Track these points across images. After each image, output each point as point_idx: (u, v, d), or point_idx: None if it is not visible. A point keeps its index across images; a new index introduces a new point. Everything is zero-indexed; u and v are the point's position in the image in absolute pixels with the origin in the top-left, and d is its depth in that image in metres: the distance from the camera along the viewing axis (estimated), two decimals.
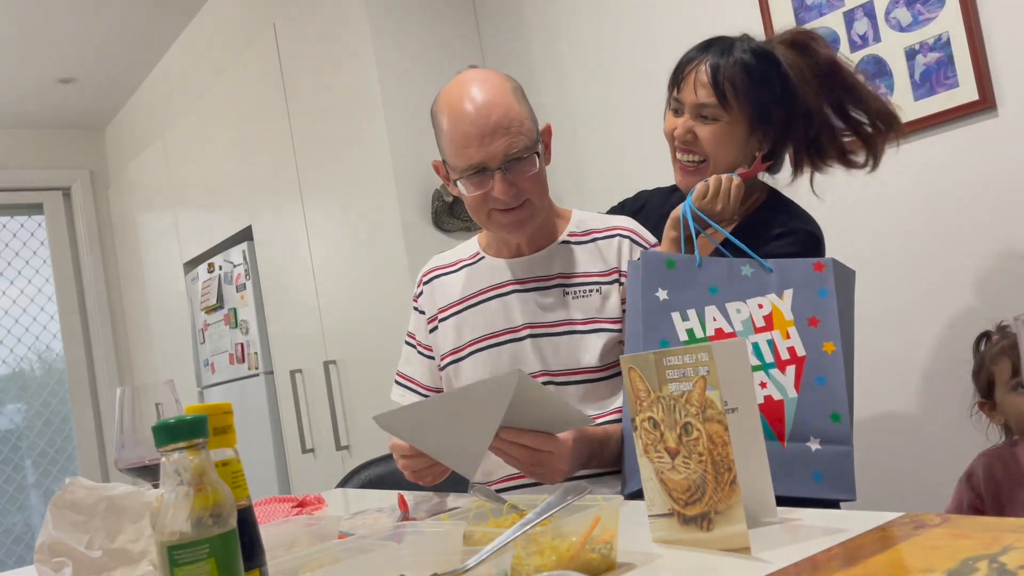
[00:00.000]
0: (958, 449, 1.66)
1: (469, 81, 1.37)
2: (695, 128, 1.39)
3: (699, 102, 1.38)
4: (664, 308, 1.20)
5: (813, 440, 1.09)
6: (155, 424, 0.69)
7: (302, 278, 3.08)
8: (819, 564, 0.74)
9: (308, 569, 0.79)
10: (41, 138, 4.76)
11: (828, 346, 1.12)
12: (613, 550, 0.85)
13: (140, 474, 1.02)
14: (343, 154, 2.80)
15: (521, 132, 1.34)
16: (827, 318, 1.13)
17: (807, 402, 1.11)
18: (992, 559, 0.67)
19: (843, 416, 1.09)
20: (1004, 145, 1.70)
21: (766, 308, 1.16)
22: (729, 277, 1.20)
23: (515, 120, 1.34)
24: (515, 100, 1.36)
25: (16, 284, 4.69)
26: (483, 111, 1.34)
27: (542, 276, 1.45)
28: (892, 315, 1.86)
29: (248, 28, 3.28)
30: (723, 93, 1.36)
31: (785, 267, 1.18)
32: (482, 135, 1.33)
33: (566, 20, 2.57)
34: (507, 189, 1.35)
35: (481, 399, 1.09)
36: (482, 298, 1.48)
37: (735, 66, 1.36)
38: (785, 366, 1.13)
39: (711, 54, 1.39)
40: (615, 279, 1.42)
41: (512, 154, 1.34)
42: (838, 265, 1.17)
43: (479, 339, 1.46)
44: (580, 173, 2.59)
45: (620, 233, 1.46)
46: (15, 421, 4.59)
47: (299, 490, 3.18)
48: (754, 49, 1.39)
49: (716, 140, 1.38)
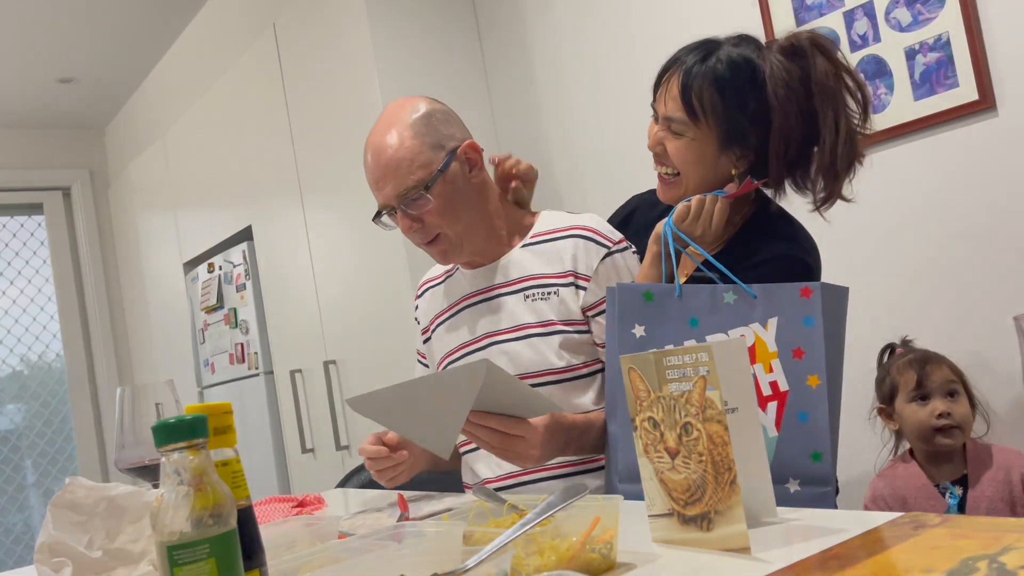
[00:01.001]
0: None
1: (377, 121, 1.41)
2: (664, 140, 1.30)
3: (667, 115, 1.29)
4: (641, 346, 1.16)
5: (792, 482, 1.06)
6: (155, 424, 0.69)
7: (302, 278, 3.08)
8: (819, 564, 0.74)
9: (308, 569, 0.79)
10: (41, 138, 4.76)
11: (813, 379, 1.07)
12: (613, 550, 0.85)
13: (140, 474, 1.02)
14: (343, 154, 2.80)
15: (411, 171, 1.35)
16: (812, 349, 1.07)
17: (788, 441, 1.07)
18: (992, 559, 0.67)
19: (824, 455, 1.06)
20: (1004, 145, 1.70)
21: (749, 339, 1.10)
22: (711, 306, 1.13)
23: (403, 160, 1.35)
24: (409, 135, 1.36)
25: (16, 284, 4.69)
26: (375, 156, 1.38)
27: (501, 283, 1.46)
28: (891, 315, 1.85)
29: (248, 28, 3.28)
30: (691, 108, 1.25)
31: (771, 292, 1.11)
32: (376, 179, 1.39)
33: (567, 20, 2.57)
34: (409, 226, 1.39)
35: (452, 385, 1.11)
36: (454, 310, 1.52)
37: (706, 79, 1.25)
38: (767, 403, 1.08)
39: (689, 60, 1.28)
40: (570, 281, 1.40)
41: (402, 194, 1.36)
42: (827, 288, 1.10)
43: (453, 351, 1.50)
44: (580, 173, 2.59)
45: (576, 233, 1.43)
46: (15, 421, 4.59)
47: (299, 490, 3.18)
48: (733, 59, 1.26)
49: (682, 156, 1.29)
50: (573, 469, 1.38)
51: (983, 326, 1.72)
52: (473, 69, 2.79)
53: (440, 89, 2.65)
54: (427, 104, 1.41)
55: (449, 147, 1.39)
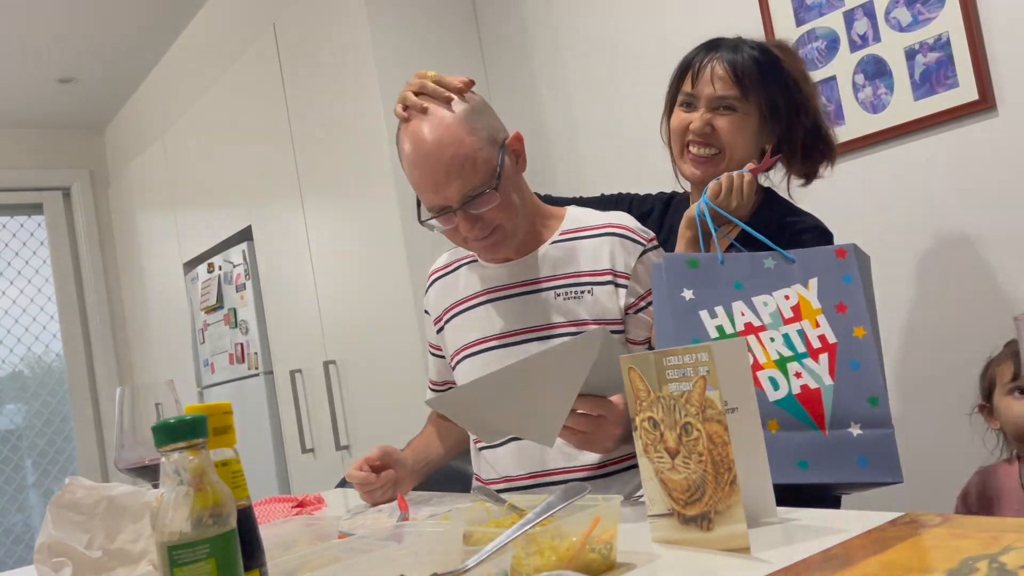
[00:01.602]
0: (956, 450, 1.66)
1: (420, 118, 1.33)
2: (713, 120, 1.43)
3: (717, 94, 1.43)
4: (692, 308, 1.20)
5: (854, 425, 1.09)
6: (155, 424, 0.69)
7: (302, 278, 3.08)
8: (819, 564, 0.74)
9: (308, 569, 0.79)
10: (41, 138, 4.76)
11: (859, 331, 1.12)
12: (613, 550, 0.85)
13: (140, 474, 1.02)
14: (343, 154, 2.80)
15: (475, 169, 1.29)
16: (854, 304, 1.13)
17: (844, 388, 1.10)
18: (992, 559, 0.67)
19: (881, 399, 1.09)
20: (1004, 145, 1.70)
21: (793, 299, 1.16)
22: (752, 271, 1.20)
23: (467, 158, 1.29)
24: (466, 132, 1.30)
25: (16, 284, 4.69)
26: (433, 154, 1.29)
27: (530, 280, 1.42)
28: (891, 315, 1.86)
29: (248, 28, 3.28)
30: (743, 84, 1.41)
31: (807, 256, 1.18)
32: (436, 180, 1.30)
33: (567, 19, 2.57)
34: (471, 226, 1.32)
35: (563, 362, 1.06)
36: (474, 302, 1.47)
37: (748, 60, 1.42)
38: (818, 355, 1.13)
39: (722, 51, 1.44)
40: (609, 280, 1.38)
41: (467, 194, 1.30)
42: (857, 250, 1.18)
43: (470, 344, 1.46)
44: (580, 173, 2.59)
45: (612, 231, 1.41)
46: (15, 421, 4.58)
47: (299, 490, 3.18)
48: (759, 46, 1.46)
49: (735, 130, 1.43)
50: (611, 469, 1.36)
51: (983, 326, 1.72)
52: (473, 69, 2.79)
53: None
54: (456, 103, 1.36)
55: (500, 139, 1.36)
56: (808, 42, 1.94)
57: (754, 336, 1.15)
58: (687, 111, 1.47)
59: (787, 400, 1.10)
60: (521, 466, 1.39)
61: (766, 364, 1.13)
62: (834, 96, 1.91)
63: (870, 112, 1.85)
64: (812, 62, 1.94)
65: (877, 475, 1.07)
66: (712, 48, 1.46)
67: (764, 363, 1.13)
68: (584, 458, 1.35)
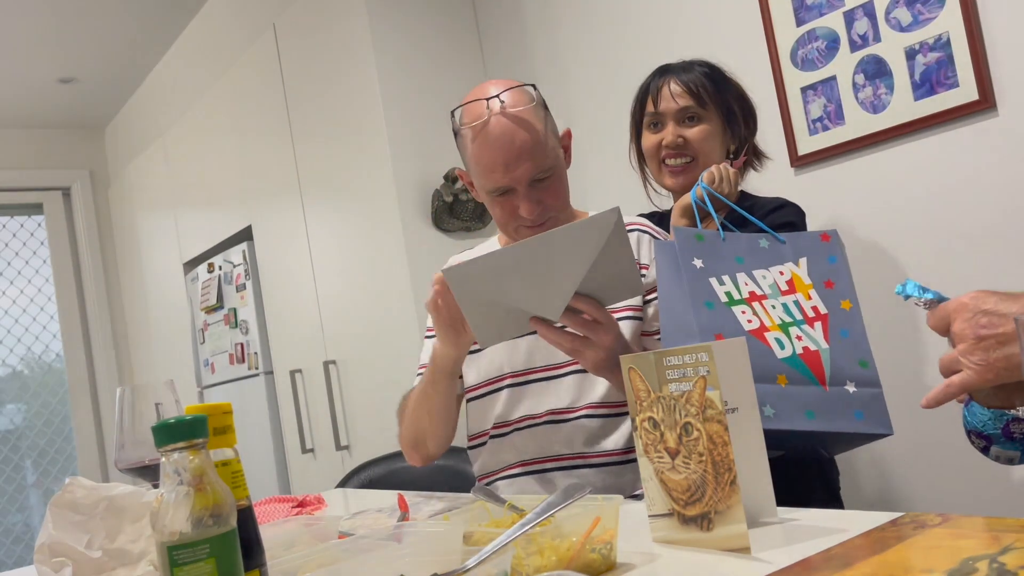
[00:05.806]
0: (956, 451, 1.66)
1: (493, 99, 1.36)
2: (682, 132, 1.61)
3: (680, 107, 1.61)
4: (702, 274, 1.27)
5: (849, 384, 1.18)
6: (155, 424, 0.69)
7: (302, 278, 3.08)
8: (819, 564, 0.74)
9: (308, 569, 0.79)
10: (41, 138, 4.76)
11: (845, 303, 1.23)
12: (613, 550, 0.85)
13: (140, 474, 1.02)
14: (343, 154, 2.80)
15: (545, 154, 1.36)
16: (840, 280, 1.25)
17: (838, 351, 1.20)
18: (992, 559, 0.67)
19: (869, 363, 1.20)
20: (1004, 145, 1.70)
21: (787, 274, 1.27)
22: (750, 249, 1.29)
23: (539, 143, 1.35)
24: (537, 119, 1.37)
25: (16, 284, 4.69)
26: (507, 136, 1.34)
27: None
28: (891, 315, 1.85)
29: (248, 28, 3.28)
30: (699, 95, 1.60)
31: (796, 239, 1.29)
32: (507, 161, 1.34)
33: (567, 19, 2.57)
34: (533, 208, 1.37)
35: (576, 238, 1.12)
36: None
37: (699, 76, 1.62)
38: (813, 322, 1.22)
39: (674, 72, 1.63)
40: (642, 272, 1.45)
41: (537, 176, 1.36)
42: (837, 236, 1.31)
43: None
44: (580, 173, 2.58)
45: (640, 229, 1.50)
46: (15, 421, 4.58)
47: (299, 490, 3.18)
48: (706, 63, 1.66)
49: (703, 138, 1.61)
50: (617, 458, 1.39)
51: None
52: (473, 68, 2.79)
53: (441, 89, 2.66)
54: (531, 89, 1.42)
55: (558, 132, 1.45)
56: (808, 42, 1.94)
57: (758, 302, 1.24)
58: (655, 131, 1.65)
59: (792, 359, 1.19)
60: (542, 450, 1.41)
61: (771, 327, 1.21)
62: (834, 96, 1.91)
63: (870, 112, 1.85)
64: (812, 62, 1.94)
65: (872, 426, 1.17)
66: (663, 72, 1.65)
67: (770, 326, 1.21)
68: (605, 444, 1.39)
